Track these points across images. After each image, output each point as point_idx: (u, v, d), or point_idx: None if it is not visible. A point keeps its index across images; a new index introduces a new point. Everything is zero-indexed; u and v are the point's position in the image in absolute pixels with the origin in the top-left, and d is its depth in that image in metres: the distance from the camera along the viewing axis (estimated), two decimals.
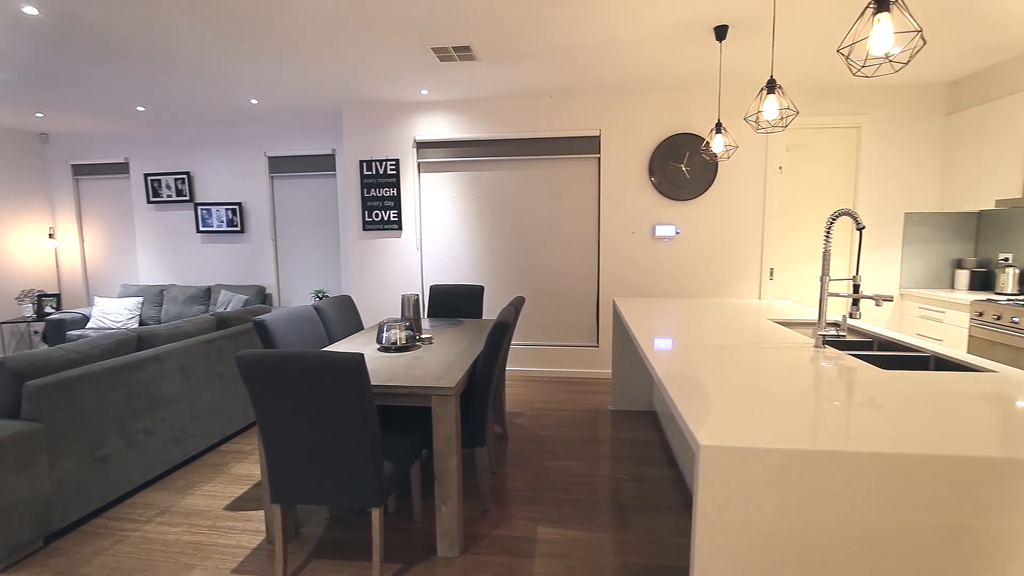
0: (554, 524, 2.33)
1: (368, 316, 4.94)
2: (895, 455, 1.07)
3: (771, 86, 2.44)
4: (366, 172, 4.76)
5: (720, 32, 3.03)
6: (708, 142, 3.29)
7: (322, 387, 1.71)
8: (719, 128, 3.17)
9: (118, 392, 2.50)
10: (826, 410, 1.32)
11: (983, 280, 3.96)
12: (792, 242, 4.42)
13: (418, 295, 2.96)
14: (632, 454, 3.04)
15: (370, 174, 4.75)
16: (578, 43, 3.25)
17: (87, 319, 5.27)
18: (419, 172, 4.76)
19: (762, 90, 2.49)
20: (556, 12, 2.81)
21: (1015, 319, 3.12)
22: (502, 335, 2.31)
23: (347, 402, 1.73)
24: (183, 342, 2.94)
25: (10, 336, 5.57)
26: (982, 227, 4.11)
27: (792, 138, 4.31)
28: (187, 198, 5.60)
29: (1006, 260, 3.80)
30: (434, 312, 3.77)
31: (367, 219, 4.80)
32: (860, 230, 1.94)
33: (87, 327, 5.17)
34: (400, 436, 2.18)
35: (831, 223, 2.02)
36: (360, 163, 4.76)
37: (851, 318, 2.05)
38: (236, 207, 5.51)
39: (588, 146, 4.48)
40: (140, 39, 3.12)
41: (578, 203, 4.59)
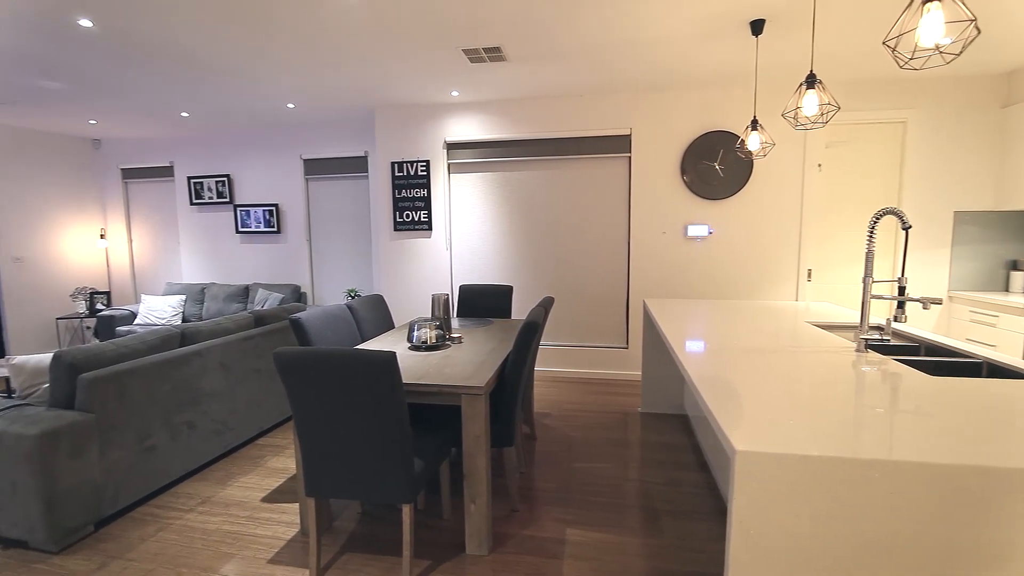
0: (583, 526, 2.31)
1: (399, 315, 5.01)
2: (945, 466, 1.02)
3: (811, 81, 2.36)
4: (397, 173, 4.83)
5: (756, 26, 2.95)
6: (743, 140, 3.21)
7: (355, 384, 1.75)
8: (755, 125, 3.09)
9: (164, 385, 2.61)
10: (869, 417, 1.26)
11: None
12: (831, 242, 4.27)
13: (448, 295, 2.99)
14: (662, 458, 2.99)
15: (401, 175, 4.83)
16: (609, 41, 3.22)
17: (134, 316, 5.52)
18: (449, 173, 4.80)
19: (801, 85, 2.41)
20: (587, 10, 2.79)
21: None
22: (531, 335, 2.31)
23: (379, 399, 1.76)
24: (223, 338, 3.05)
25: (65, 331, 5.89)
26: None
27: (832, 134, 4.16)
28: (227, 200, 5.81)
29: None
30: (463, 312, 3.80)
31: (398, 219, 4.88)
32: (906, 230, 1.86)
33: (134, 323, 5.43)
34: (430, 434, 2.21)
35: (875, 222, 1.94)
36: (392, 164, 4.84)
37: (896, 321, 1.97)
38: (273, 208, 5.68)
39: (618, 145, 4.43)
40: (186, 48, 3.25)
41: (608, 203, 4.55)
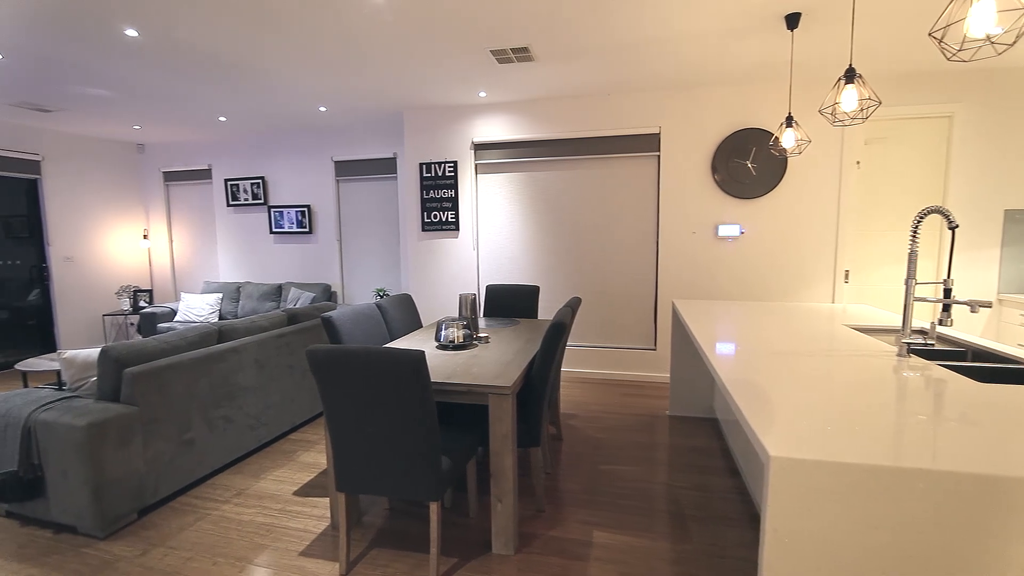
0: (609, 529, 2.29)
1: (426, 314, 5.07)
2: (996, 477, 0.97)
3: (850, 75, 2.29)
4: (425, 174, 4.88)
5: (792, 20, 2.87)
6: (777, 137, 3.13)
7: (385, 382, 1.78)
8: (790, 122, 3.01)
9: (202, 381, 2.71)
10: (911, 424, 1.21)
11: None
12: (870, 242, 4.11)
13: (475, 295, 3.01)
14: (691, 462, 2.94)
15: (429, 176, 4.88)
16: (638, 38, 3.19)
17: (174, 313, 5.74)
18: (476, 173, 4.83)
19: (840, 80, 2.34)
20: (617, 8, 2.76)
21: None
22: (559, 335, 2.30)
23: (408, 397, 1.78)
24: (258, 336, 3.14)
25: (110, 327, 6.17)
26: None
27: (872, 130, 4.01)
28: (262, 201, 5.98)
29: None
30: (490, 311, 3.82)
31: (426, 220, 4.93)
32: (953, 229, 1.78)
33: (174, 320, 5.64)
34: (457, 433, 2.22)
35: (918, 221, 1.86)
36: (420, 166, 4.89)
37: (941, 325, 1.88)
38: (305, 209, 5.82)
39: (647, 144, 4.37)
40: (224, 55, 3.36)
41: (636, 202, 4.50)
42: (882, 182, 4.04)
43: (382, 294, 5.53)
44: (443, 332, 2.65)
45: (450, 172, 4.82)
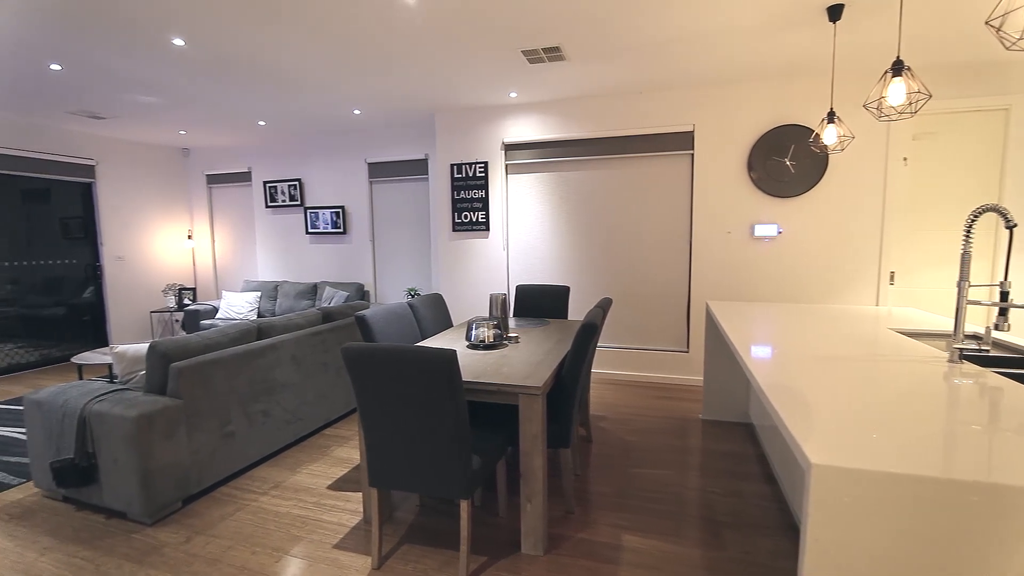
0: (640, 533, 2.26)
1: (457, 314, 5.11)
2: None
3: (897, 68, 2.19)
4: (456, 175, 4.93)
5: (834, 12, 2.76)
6: (818, 133, 3.02)
7: (417, 380, 1.80)
8: (832, 117, 2.90)
9: (242, 376, 2.81)
10: (965, 434, 1.15)
11: None
12: (918, 242, 3.92)
13: (505, 295, 3.02)
14: (725, 467, 2.87)
15: (460, 177, 4.92)
16: (673, 35, 3.13)
17: (216, 310, 5.97)
18: (507, 174, 4.84)
19: (886, 73, 2.24)
20: (650, 5, 2.72)
21: None
22: (590, 336, 2.28)
23: (439, 395, 1.80)
24: (294, 333, 3.23)
25: (157, 323, 6.46)
26: None
27: (921, 125, 3.83)
28: (298, 203, 6.16)
29: None
30: (520, 312, 3.82)
31: (457, 220, 4.97)
32: (1010, 228, 1.68)
33: (216, 317, 5.86)
34: (487, 432, 2.23)
35: (972, 220, 1.76)
36: (451, 166, 4.94)
37: (996, 330, 1.78)
38: (340, 210, 5.96)
39: (680, 142, 4.29)
40: (265, 62, 3.48)
41: (669, 202, 4.42)
42: (931, 179, 3.85)
43: (413, 293, 5.61)
44: (474, 332, 2.67)
45: (481, 173, 4.85)
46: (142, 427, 2.29)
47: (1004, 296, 1.73)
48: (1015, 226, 1.68)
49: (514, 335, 2.92)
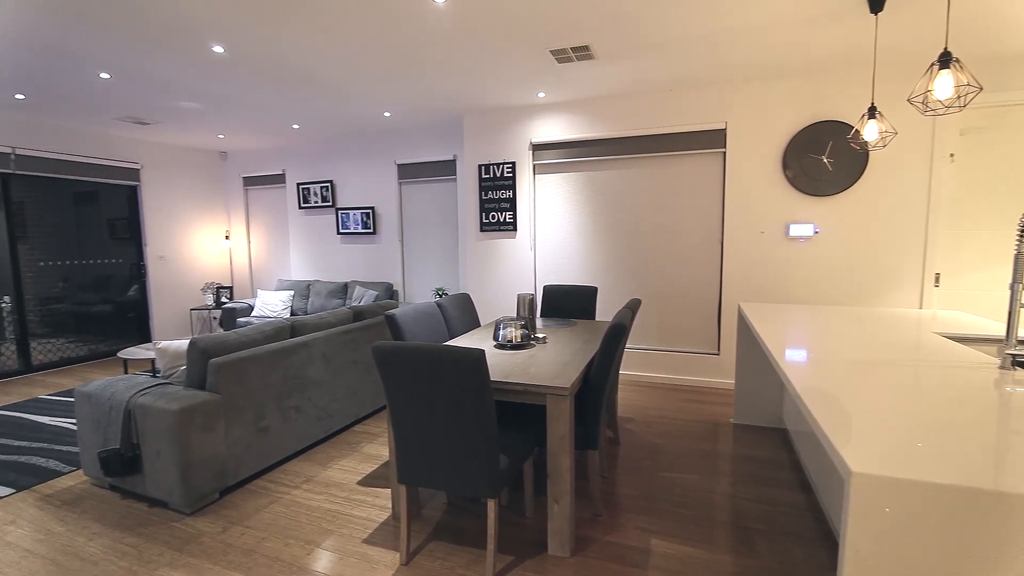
0: (669, 537, 2.23)
1: (484, 313, 5.14)
2: None
3: (945, 60, 2.09)
4: (484, 175, 4.95)
5: (876, 2, 2.66)
6: (858, 129, 2.91)
7: (446, 379, 1.82)
8: (873, 113, 2.79)
9: (276, 372, 2.89)
10: (1017, 444, 1.09)
11: None
12: (965, 243, 3.74)
13: (533, 295, 3.02)
14: (757, 473, 2.80)
15: (488, 177, 4.94)
16: (705, 31, 3.07)
17: (251, 308, 6.15)
18: (534, 174, 4.84)
19: (933, 65, 2.14)
20: (682, 1, 2.68)
21: None
22: (619, 337, 2.26)
23: (468, 395, 1.82)
24: (326, 331, 3.31)
25: (196, 320, 6.71)
26: None
27: (969, 119, 3.65)
28: (330, 204, 6.30)
29: None
30: (547, 312, 3.81)
31: (484, 220, 5.00)
32: None
33: (252, 315, 6.05)
34: (514, 432, 2.24)
35: None
36: (479, 167, 4.97)
37: None
38: (370, 211, 6.07)
39: (712, 140, 4.20)
40: (300, 67, 3.57)
41: (699, 201, 4.34)
42: (980, 176, 3.67)
43: (441, 293, 5.66)
44: (501, 331, 2.68)
45: (508, 173, 4.86)
46: (183, 420, 2.38)
47: None
48: None
49: (541, 335, 2.91)
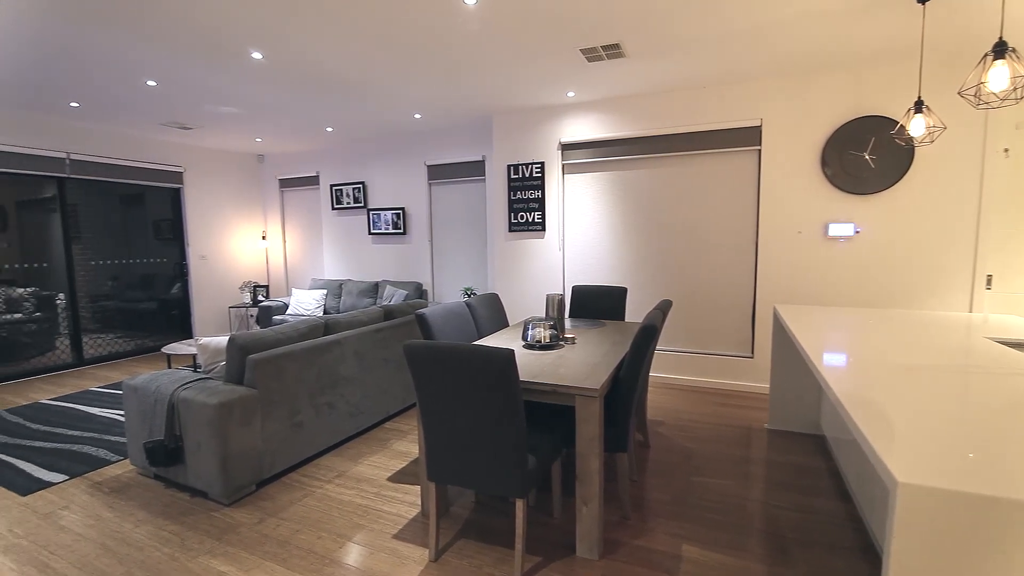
0: (700, 544, 2.18)
1: (512, 313, 5.15)
2: None
3: (1000, 49, 1.98)
4: (513, 176, 4.96)
5: None
6: (903, 124, 2.79)
7: (476, 378, 1.83)
8: (919, 107, 2.67)
9: (311, 369, 2.96)
10: None
11: None
12: (1021, 243, 3.54)
13: (562, 295, 3.00)
14: (793, 480, 2.72)
15: (516, 177, 4.94)
16: (741, 26, 3.00)
17: (286, 307, 6.33)
18: (563, 174, 4.82)
19: (987, 56, 2.04)
20: None
21: None
22: (649, 339, 2.23)
23: (497, 394, 1.82)
24: (358, 330, 3.37)
25: (234, 318, 6.94)
26: None
27: None
28: (362, 204, 6.42)
29: None
30: (576, 312, 3.79)
31: (513, 221, 5.01)
32: None
33: (286, 313, 6.22)
34: (543, 432, 2.23)
35: None
36: (508, 167, 4.98)
37: None
38: (400, 211, 6.16)
39: (746, 138, 4.10)
40: (334, 72, 3.65)
41: (733, 200, 4.23)
42: None
43: (470, 293, 5.70)
44: (530, 332, 2.68)
45: (537, 173, 4.85)
46: (222, 414, 2.47)
47: None
48: None
49: (570, 336, 2.90)
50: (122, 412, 3.85)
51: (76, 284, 5.40)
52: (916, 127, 2.69)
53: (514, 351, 1.79)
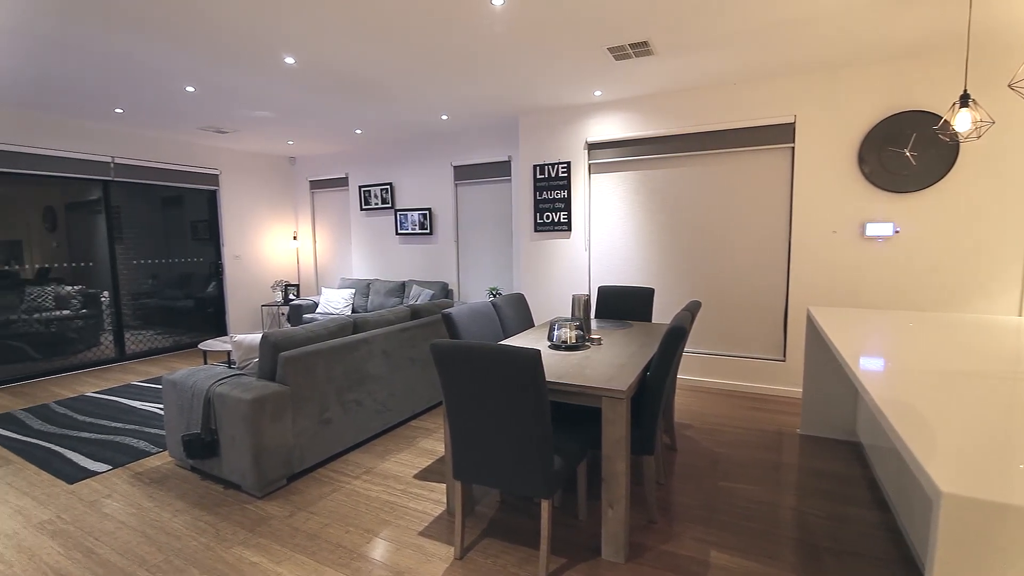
0: (729, 550, 2.14)
1: (538, 313, 5.14)
2: None
3: None
4: (539, 176, 4.95)
5: None
6: (947, 119, 2.67)
7: (502, 378, 1.84)
8: (965, 101, 2.55)
9: (339, 367, 3.02)
10: None
11: None
12: None
13: (588, 296, 2.98)
14: (827, 488, 2.64)
15: (543, 177, 4.94)
16: (774, 19, 2.92)
17: (316, 305, 6.47)
18: (590, 173, 4.79)
19: None
20: None
21: None
22: (678, 340, 2.20)
23: (523, 394, 1.82)
24: (385, 329, 3.42)
25: (266, 316, 7.14)
26: None
27: None
28: (389, 205, 6.52)
29: None
30: (601, 313, 3.76)
31: (539, 221, 5.00)
32: None
33: (316, 312, 6.36)
34: (569, 433, 2.22)
35: None
36: (534, 167, 4.97)
37: None
38: (426, 212, 6.22)
39: (779, 135, 3.99)
40: (363, 75, 3.72)
41: (765, 199, 4.13)
42: None
43: (495, 293, 5.72)
44: (556, 332, 2.67)
45: (563, 173, 4.83)
46: (256, 409, 2.54)
47: None
48: None
49: (596, 337, 2.88)
50: (161, 406, 4.00)
51: (119, 282, 5.64)
52: (962, 122, 2.57)
53: (540, 351, 1.78)
